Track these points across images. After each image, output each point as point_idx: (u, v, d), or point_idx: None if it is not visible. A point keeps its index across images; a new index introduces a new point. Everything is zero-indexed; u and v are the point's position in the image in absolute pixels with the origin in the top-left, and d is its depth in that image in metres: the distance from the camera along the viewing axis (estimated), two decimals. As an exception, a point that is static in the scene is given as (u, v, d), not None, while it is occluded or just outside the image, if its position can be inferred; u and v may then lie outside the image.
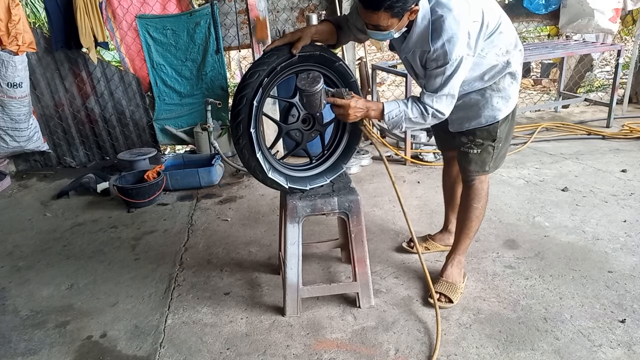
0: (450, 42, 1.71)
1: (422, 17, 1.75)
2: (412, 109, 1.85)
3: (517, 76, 2.01)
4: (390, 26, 1.70)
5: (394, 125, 1.89)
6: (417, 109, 1.85)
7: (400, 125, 1.89)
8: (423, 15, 1.74)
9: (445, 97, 1.82)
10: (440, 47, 1.73)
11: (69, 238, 3.11)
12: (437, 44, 1.73)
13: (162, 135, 4.54)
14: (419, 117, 1.86)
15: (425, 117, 1.85)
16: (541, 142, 4.25)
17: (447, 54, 1.72)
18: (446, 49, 1.72)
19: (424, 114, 1.85)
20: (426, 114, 1.85)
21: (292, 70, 1.95)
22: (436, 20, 1.72)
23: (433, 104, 1.82)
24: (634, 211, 2.93)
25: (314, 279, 2.45)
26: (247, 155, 1.92)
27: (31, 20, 4.04)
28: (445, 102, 1.83)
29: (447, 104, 1.84)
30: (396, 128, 1.91)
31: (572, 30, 4.80)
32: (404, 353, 1.93)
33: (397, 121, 1.87)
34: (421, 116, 1.85)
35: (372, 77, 4.40)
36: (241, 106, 1.84)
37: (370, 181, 3.67)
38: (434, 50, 1.74)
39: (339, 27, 2.00)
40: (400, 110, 1.85)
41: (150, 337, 2.11)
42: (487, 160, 2.11)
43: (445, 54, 1.72)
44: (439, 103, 1.83)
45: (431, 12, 1.74)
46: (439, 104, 1.83)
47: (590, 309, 2.10)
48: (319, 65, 1.98)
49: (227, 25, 4.36)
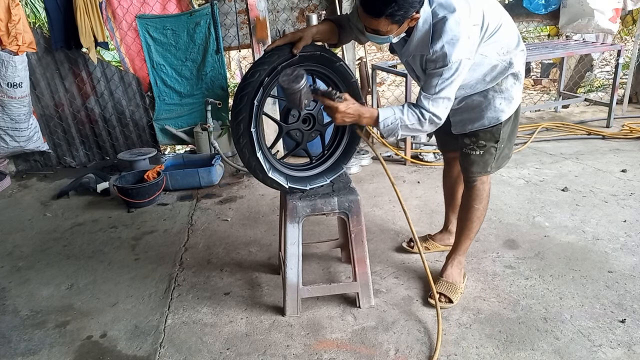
0: (450, 44, 1.69)
1: (424, 22, 1.73)
2: (408, 115, 1.81)
3: (520, 77, 1.99)
4: (389, 32, 1.70)
5: (389, 132, 1.84)
6: (414, 115, 1.80)
7: (395, 133, 1.84)
8: (424, 20, 1.73)
9: (442, 100, 1.78)
10: (440, 48, 1.71)
11: (69, 238, 3.11)
12: (437, 45, 1.71)
13: (162, 135, 4.54)
14: (415, 124, 1.81)
15: (422, 122, 1.81)
16: (541, 142, 4.25)
17: (446, 56, 1.70)
18: (446, 50, 1.70)
19: (420, 120, 1.80)
20: (423, 120, 1.80)
21: None
22: (437, 23, 1.71)
23: (430, 107, 1.78)
24: (634, 211, 2.93)
25: (314, 279, 2.45)
26: (247, 155, 1.92)
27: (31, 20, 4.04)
28: (442, 106, 1.79)
29: (444, 108, 1.80)
30: (391, 136, 1.85)
31: (572, 30, 4.80)
32: (404, 353, 1.93)
33: (393, 129, 1.82)
34: (418, 122, 1.81)
35: (372, 77, 4.40)
36: (242, 105, 1.84)
37: (370, 181, 3.67)
38: (433, 52, 1.73)
39: (341, 27, 1.99)
40: (396, 117, 1.81)
41: (150, 337, 2.11)
42: (489, 161, 2.10)
43: (445, 55, 1.71)
44: (436, 107, 1.78)
45: (432, 15, 1.73)
46: (436, 107, 1.78)
47: (590, 309, 2.10)
48: (319, 65, 1.98)
49: (227, 25, 4.36)
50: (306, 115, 2.02)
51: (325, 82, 2.09)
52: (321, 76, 2.05)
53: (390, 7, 1.60)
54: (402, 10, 1.61)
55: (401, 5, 1.60)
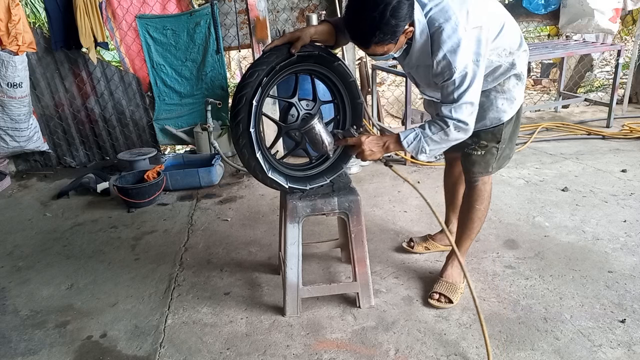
0: (451, 52, 1.66)
1: (421, 32, 1.70)
2: (429, 127, 1.79)
3: (523, 77, 1.99)
4: (387, 51, 1.68)
5: (415, 149, 1.82)
6: (435, 126, 1.79)
7: (423, 149, 1.82)
8: (421, 30, 1.70)
9: (465, 105, 1.74)
10: (442, 58, 1.68)
11: (69, 238, 3.11)
12: (438, 56, 1.68)
13: (162, 135, 4.54)
14: (440, 133, 1.78)
15: (447, 131, 1.76)
16: (541, 142, 4.25)
17: (451, 65, 1.67)
18: (449, 59, 1.66)
19: (444, 128, 1.77)
20: (446, 127, 1.76)
21: (292, 69, 1.94)
22: (434, 33, 1.68)
23: (452, 114, 1.74)
24: (634, 211, 2.93)
25: (314, 279, 2.45)
26: (246, 155, 1.92)
27: (31, 20, 4.03)
28: (465, 112, 1.74)
29: (468, 114, 1.75)
30: (421, 152, 1.83)
31: (572, 30, 4.80)
32: (404, 353, 1.93)
33: (418, 145, 1.81)
34: (442, 131, 1.77)
35: (372, 77, 4.41)
36: (240, 106, 1.84)
37: (370, 181, 3.67)
38: (437, 64, 1.70)
39: (338, 29, 1.99)
40: (417, 133, 1.81)
41: (150, 337, 2.11)
42: (490, 161, 2.10)
43: (449, 64, 1.67)
44: (459, 113, 1.74)
45: (428, 25, 1.69)
46: (459, 113, 1.74)
47: (590, 309, 2.10)
48: (317, 65, 1.98)
49: (227, 25, 4.36)
50: (305, 114, 2.02)
51: (324, 82, 2.09)
52: (320, 76, 2.05)
53: (375, 36, 1.58)
54: (388, 34, 1.58)
55: (386, 30, 1.57)
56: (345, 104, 2.12)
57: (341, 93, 2.09)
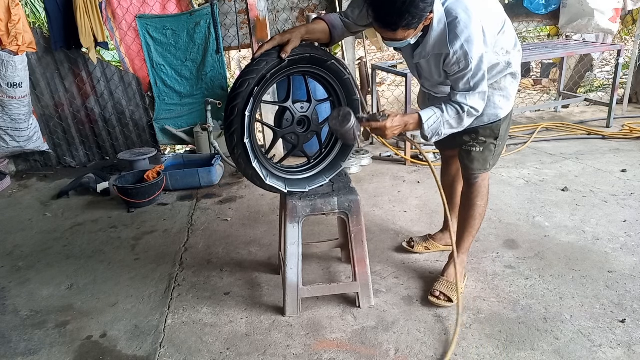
0: (468, 42, 1.71)
1: (438, 21, 1.74)
2: (448, 111, 1.83)
3: (517, 76, 2.04)
4: (407, 36, 1.70)
5: (433, 132, 1.86)
6: (453, 110, 1.83)
7: (439, 132, 1.86)
8: (439, 19, 1.73)
9: (479, 94, 1.81)
10: (459, 48, 1.72)
11: (69, 238, 3.11)
12: (456, 45, 1.72)
13: (162, 135, 4.54)
14: (456, 119, 1.84)
15: (462, 116, 1.83)
16: (541, 142, 4.25)
17: (467, 55, 1.72)
18: (466, 49, 1.71)
19: (460, 114, 1.83)
20: (462, 113, 1.82)
21: (284, 74, 1.92)
22: (452, 22, 1.72)
23: (467, 101, 1.81)
24: (634, 211, 2.93)
25: (314, 279, 2.45)
26: (243, 165, 1.92)
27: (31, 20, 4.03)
28: (478, 99, 1.82)
29: (480, 100, 1.83)
30: (435, 135, 1.87)
31: (572, 30, 4.79)
32: (404, 353, 1.93)
33: (437, 127, 1.85)
34: (458, 117, 1.84)
35: (372, 77, 4.40)
36: (233, 117, 1.82)
37: (370, 181, 3.67)
38: (453, 53, 1.73)
39: (333, 26, 1.99)
40: (437, 115, 1.84)
41: (150, 337, 2.11)
42: (488, 157, 2.14)
43: (466, 54, 1.72)
44: (473, 100, 1.81)
45: (446, 14, 1.73)
46: (473, 101, 1.81)
47: (590, 309, 2.10)
48: (311, 66, 1.96)
49: (227, 25, 4.36)
50: (301, 117, 2.00)
51: (319, 82, 2.08)
52: (315, 76, 2.04)
53: (404, 19, 1.60)
54: (416, 18, 1.61)
55: (415, 14, 1.59)
56: (342, 102, 2.11)
57: (337, 91, 2.09)
